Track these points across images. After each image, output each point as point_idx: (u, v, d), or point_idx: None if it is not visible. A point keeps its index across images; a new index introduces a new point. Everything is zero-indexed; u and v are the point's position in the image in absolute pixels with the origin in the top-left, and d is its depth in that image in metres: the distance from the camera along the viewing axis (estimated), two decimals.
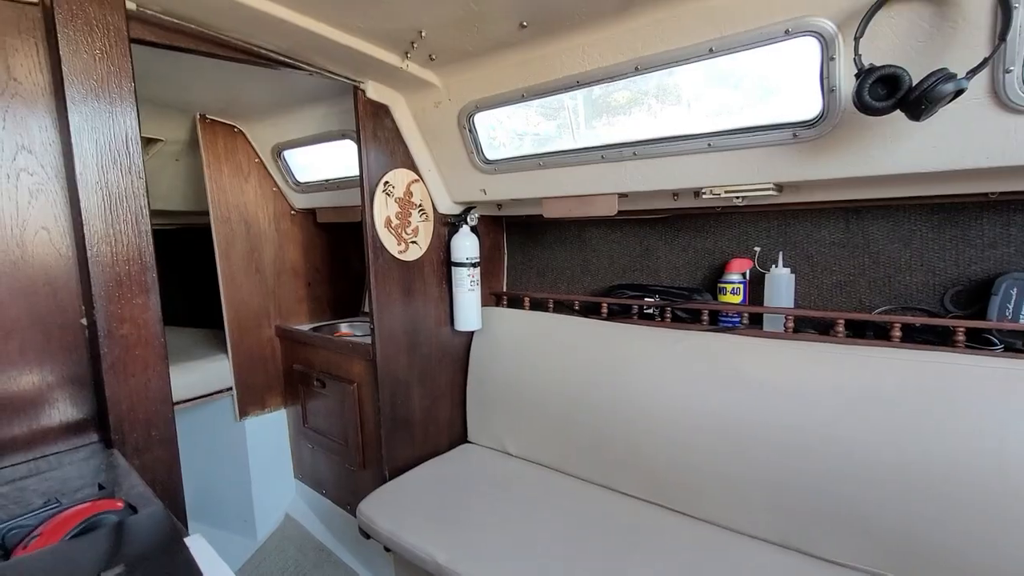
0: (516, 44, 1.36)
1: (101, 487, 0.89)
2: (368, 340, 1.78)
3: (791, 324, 1.42)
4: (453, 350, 2.00)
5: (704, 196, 1.39)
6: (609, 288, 1.86)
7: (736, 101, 1.25)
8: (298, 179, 2.20)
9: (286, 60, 1.42)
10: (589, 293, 1.96)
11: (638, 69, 1.28)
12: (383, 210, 1.69)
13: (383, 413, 1.76)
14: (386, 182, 1.70)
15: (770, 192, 1.30)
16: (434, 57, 1.46)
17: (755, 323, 1.53)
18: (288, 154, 2.14)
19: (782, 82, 1.18)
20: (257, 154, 2.18)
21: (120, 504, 0.75)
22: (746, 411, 1.36)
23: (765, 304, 1.49)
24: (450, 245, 1.89)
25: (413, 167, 1.79)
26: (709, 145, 1.30)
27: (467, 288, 1.87)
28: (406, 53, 1.45)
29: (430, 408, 1.93)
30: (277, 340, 2.28)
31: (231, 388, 2.15)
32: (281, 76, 1.62)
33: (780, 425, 1.30)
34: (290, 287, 2.32)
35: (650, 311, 1.71)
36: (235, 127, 2.11)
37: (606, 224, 1.89)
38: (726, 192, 1.35)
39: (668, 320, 1.66)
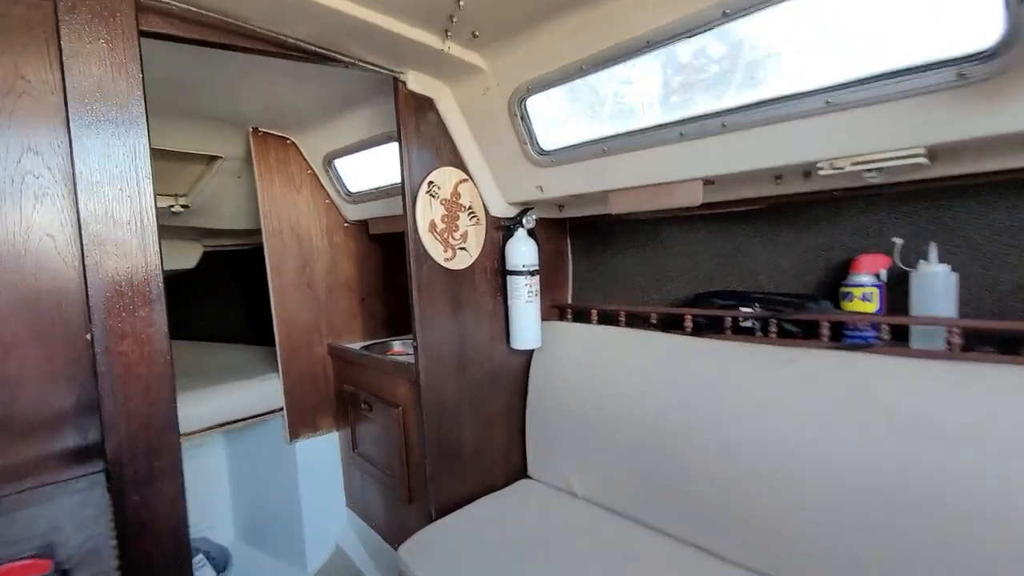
0: (569, 6, 1.14)
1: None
2: (414, 360, 1.60)
3: (957, 339, 1.04)
4: (510, 371, 1.77)
5: (820, 174, 1.06)
6: (694, 297, 1.55)
7: (869, 35, 0.93)
8: (349, 189, 2.10)
9: (318, 51, 1.28)
10: (669, 304, 1.65)
11: (727, 14, 1.00)
12: (427, 213, 1.51)
13: (428, 441, 1.56)
14: (430, 182, 1.52)
15: (919, 161, 0.96)
16: (478, 34, 1.27)
17: (899, 338, 1.15)
18: (339, 163, 2.04)
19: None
20: (309, 165, 2.11)
21: (47, 566, 0.59)
22: (896, 461, 0.99)
23: (913, 313, 1.12)
24: (504, 251, 1.67)
25: (461, 165, 1.60)
26: (828, 103, 0.98)
27: (524, 299, 1.64)
28: (446, 32, 1.27)
29: (483, 437, 1.70)
30: (329, 359, 2.17)
31: (282, 408, 2.06)
32: (324, 77, 1.52)
33: (950, 485, 0.93)
34: (343, 303, 2.22)
35: (748, 324, 1.38)
36: (287, 139, 2.05)
37: (686, 222, 1.59)
38: (853, 165, 1.02)
39: (773, 335, 1.32)
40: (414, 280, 1.51)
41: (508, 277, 1.66)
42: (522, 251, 1.63)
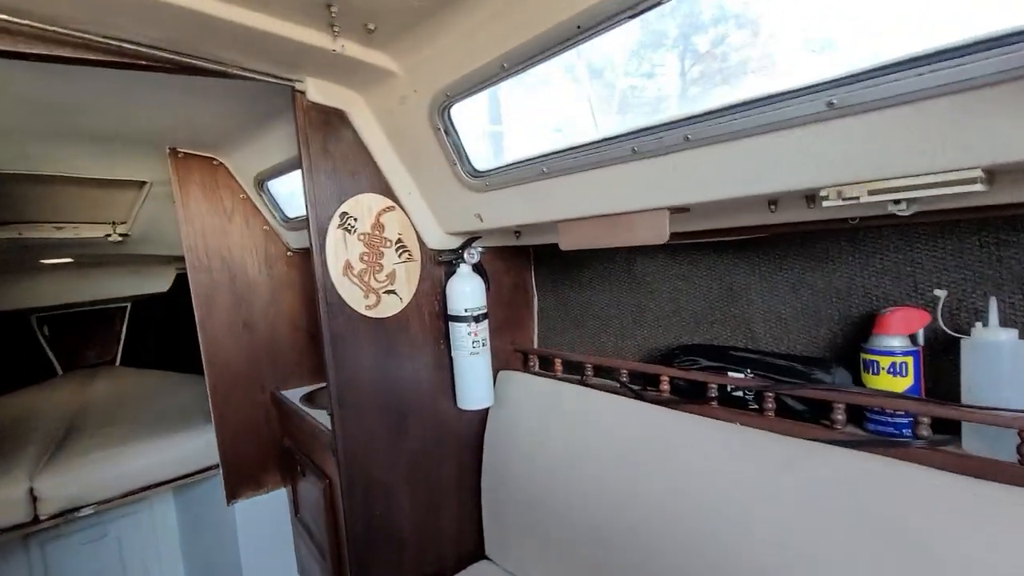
0: None
1: None
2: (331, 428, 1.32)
3: None
4: (461, 431, 1.48)
5: (825, 203, 0.75)
6: (675, 350, 1.23)
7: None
8: (287, 214, 1.84)
9: (181, 59, 1.02)
10: (644, 353, 1.34)
11: None
12: (340, 252, 1.24)
13: (351, 527, 1.28)
14: (343, 214, 1.24)
15: (973, 188, 0.63)
16: (372, 27, 0.99)
17: (943, 430, 0.82)
18: (272, 185, 1.79)
19: None
20: (242, 188, 1.86)
21: None
22: None
23: (966, 397, 0.79)
24: (447, 293, 1.38)
25: (385, 190, 1.32)
26: (831, 105, 0.66)
27: (469, 350, 1.35)
28: (332, 27, 0.99)
29: (427, 515, 1.42)
30: (272, 405, 1.92)
31: (217, 465, 1.82)
32: (228, 89, 1.26)
33: None
34: (287, 342, 1.96)
35: (738, 392, 1.06)
36: (213, 159, 1.80)
37: (664, 251, 1.27)
38: (872, 194, 0.70)
39: (770, 413, 0.99)
40: (326, 334, 1.23)
41: (451, 324, 1.37)
42: (464, 292, 1.34)
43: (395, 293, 1.33)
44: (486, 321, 1.37)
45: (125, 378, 3.15)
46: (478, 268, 1.40)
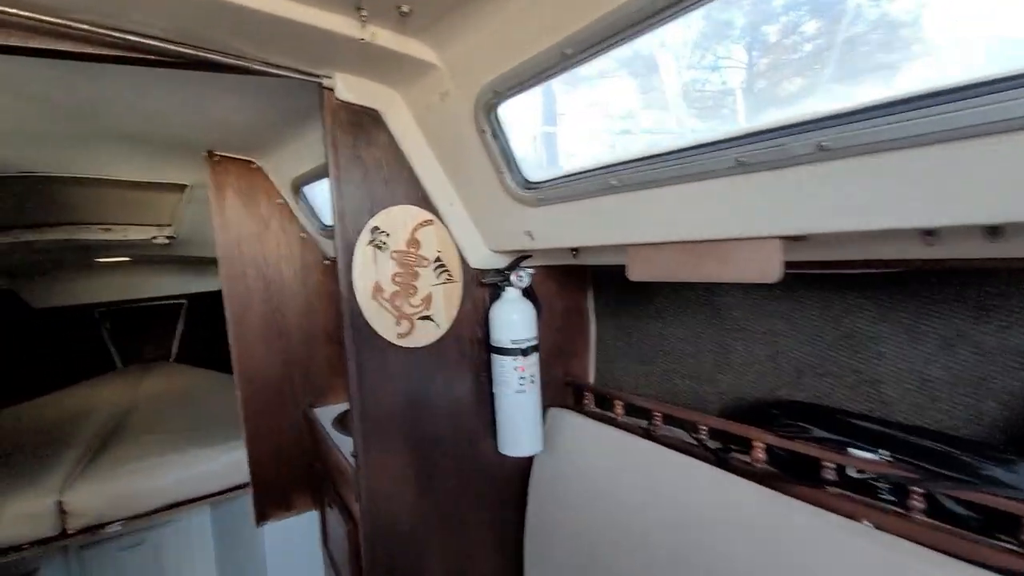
0: None
1: None
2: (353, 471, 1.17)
3: None
4: (501, 478, 1.30)
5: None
6: (769, 406, 0.99)
7: None
8: (324, 221, 1.71)
9: (195, 53, 0.88)
10: (728, 404, 1.10)
11: None
12: (368, 272, 1.08)
13: None
14: (374, 228, 1.08)
15: None
16: (407, 9, 0.81)
17: None
18: (309, 190, 1.67)
19: None
20: (279, 193, 1.75)
21: None
22: None
23: None
24: (489, 317, 1.20)
25: (423, 202, 1.15)
26: None
27: (515, 387, 1.15)
28: (359, 9, 0.82)
29: (459, 569, 1.24)
30: (305, 423, 1.81)
31: (248, 484, 1.72)
32: (259, 87, 1.14)
33: None
34: (322, 355, 1.85)
35: (870, 477, 0.80)
36: (251, 162, 1.70)
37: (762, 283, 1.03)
38: None
39: (918, 513, 0.74)
40: (351, 365, 1.08)
41: (493, 356, 1.18)
42: (510, 321, 1.15)
43: (431, 319, 1.15)
44: (536, 355, 1.17)
45: (176, 376, 3.19)
46: (528, 292, 1.21)
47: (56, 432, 2.09)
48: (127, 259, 2.82)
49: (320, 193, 1.65)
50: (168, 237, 2.20)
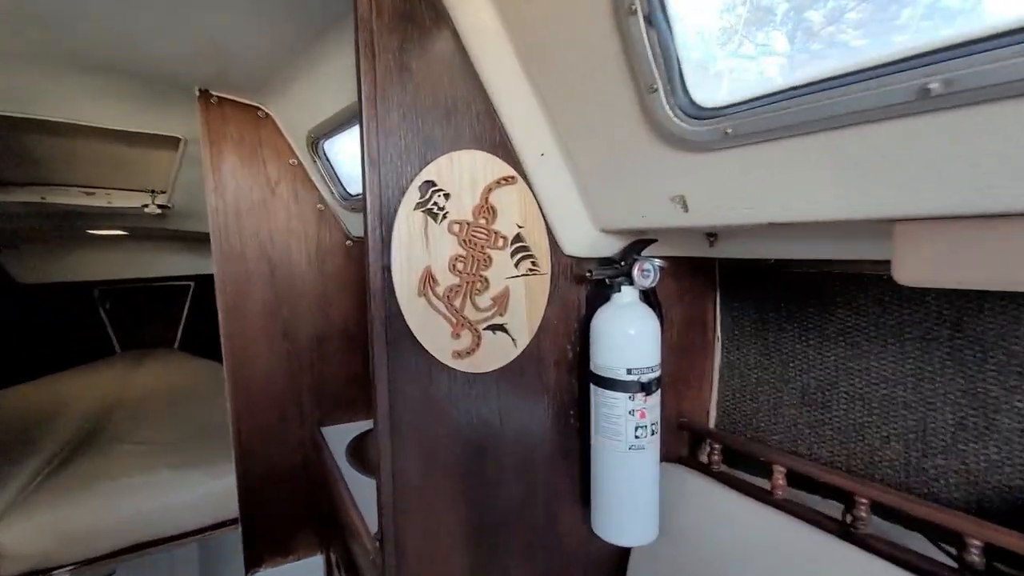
0: None
1: None
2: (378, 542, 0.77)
3: None
4: (589, 565, 0.89)
5: None
6: None
7: None
8: (348, 189, 1.33)
9: None
10: (986, 496, 0.67)
11: None
12: (417, 253, 0.68)
13: None
14: (427, 184, 0.68)
15: None
16: None
17: None
18: (330, 146, 1.28)
19: None
20: (292, 151, 1.37)
21: None
22: None
23: None
24: (589, 331, 0.79)
25: (502, 149, 0.74)
26: None
27: (627, 442, 0.75)
28: None
29: None
30: (312, 447, 1.43)
31: (236, 521, 1.35)
32: None
33: None
34: (338, 361, 1.46)
35: None
36: (259, 109, 1.32)
37: None
38: None
39: None
40: (382, 396, 0.68)
41: (594, 389, 0.78)
42: (627, 337, 0.74)
43: (505, 330, 0.75)
44: (659, 393, 0.77)
45: (175, 366, 2.86)
46: (648, 296, 0.80)
47: (19, 433, 1.75)
48: (121, 232, 2.48)
49: (345, 150, 1.26)
50: (161, 206, 1.84)
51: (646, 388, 0.74)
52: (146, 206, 1.84)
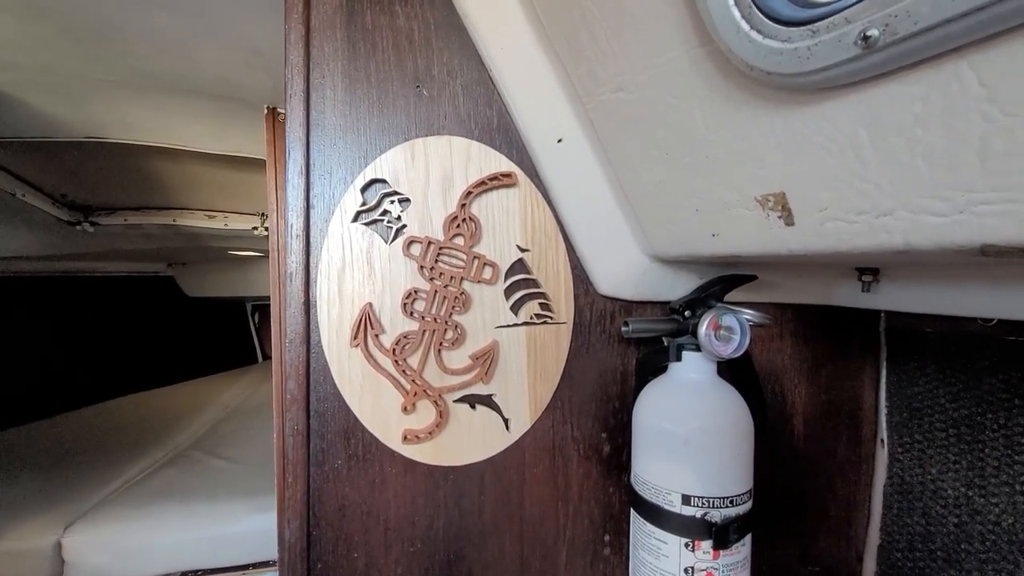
0: None
1: None
2: None
3: None
4: None
5: None
6: None
7: None
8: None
9: None
10: None
11: None
12: (352, 286, 0.46)
13: None
14: (375, 184, 0.47)
15: None
16: None
17: None
18: None
19: None
20: None
21: None
22: None
23: None
24: (633, 422, 0.49)
25: (501, 134, 0.50)
26: None
27: None
28: None
29: None
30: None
31: (272, 564, 1.25)
32: None
33: None
34: None
35: None
36: None
37: None
38: None
39: None
40: (296, 491, 0.47)
41: (634, 515, 0.47)
42: (680, 438, 0.43)
43: (491, 405, 0.49)
44: (749, 536, 0.43)
45: None
46: (740, 369, 0.48)
47: (138, 435, 1.91)
48: (259, 254, 2.71)
49: None
50: (268, 228, 1.93)
51: (719, 535, 0.42)
52: (255, 228, 1.94)
